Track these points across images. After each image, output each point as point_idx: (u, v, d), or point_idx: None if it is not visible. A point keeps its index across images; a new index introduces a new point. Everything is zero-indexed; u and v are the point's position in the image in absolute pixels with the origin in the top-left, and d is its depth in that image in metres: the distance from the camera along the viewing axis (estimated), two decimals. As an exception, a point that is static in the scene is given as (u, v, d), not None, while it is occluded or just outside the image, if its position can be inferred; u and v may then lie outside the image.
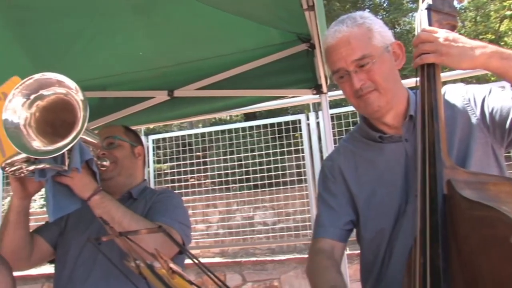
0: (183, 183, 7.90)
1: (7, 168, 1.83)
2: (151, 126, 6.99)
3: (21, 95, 1.76)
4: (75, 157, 1.86)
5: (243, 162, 8.00)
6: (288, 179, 7.56)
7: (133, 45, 3.12)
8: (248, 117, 10.47)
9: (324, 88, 3.19)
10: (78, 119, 1.74)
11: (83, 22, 2.96)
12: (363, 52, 1.68)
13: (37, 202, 9.04)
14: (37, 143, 1.76)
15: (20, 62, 3.18)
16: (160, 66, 3.27)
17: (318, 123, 6.36)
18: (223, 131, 7.82)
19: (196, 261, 1.09)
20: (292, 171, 7.52)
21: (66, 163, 1.85)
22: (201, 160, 8.17)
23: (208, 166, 8.21)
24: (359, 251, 1.94)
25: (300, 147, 7.05)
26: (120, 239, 1.74)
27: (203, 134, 7.87)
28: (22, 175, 1.84)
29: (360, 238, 1.88)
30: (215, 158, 8.10)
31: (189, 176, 8.30)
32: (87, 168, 1.94)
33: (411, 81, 2.01)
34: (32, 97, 1.78)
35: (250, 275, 5.72)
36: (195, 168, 8.07)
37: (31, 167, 1.79)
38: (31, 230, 2.20)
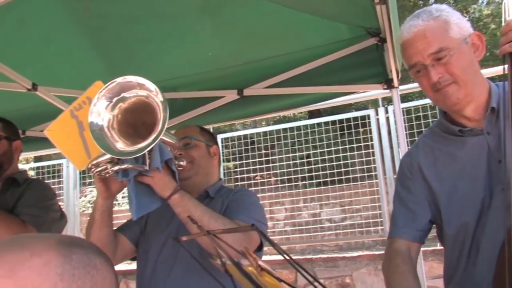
0: (250, 182, 7.96)
1: (93, 169, 1.90)
2: (218, 125, 7.09)
3: (104, 98, 1.83)
4: (156, 157, 1.91)
5: (311, 159, 7.98)
6: (358, 175, 7.49)
7: (202, 46, 3.18)
8: (312, 113, 10.44)
9: (395, 82, 3.14)
10: (158, 120, 1.79)
11: (153, 26, 3.05)
12: (439, 45, 1.66)
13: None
14: (120, 144, 1.83)
15: (96, 67, 3.32)
16: (229, 65, 3.31)
17: (387, 118, 6.27)
18: (290, 129, 7.82)
19: (288, 258, 1.10)
20: (360, 167, 7.44)
21: (147, 163, 1.91)
22: (266, 158, 8.22)
23: (274, 164, 8.25)
24: (433, 248, 1.91)
25: (369, 143, 6.97)
26: (203, 238, 1.78)
27: (271, 132, 7.92)
28: (107, 175, 1.91)
29: (443, 234, 1.85)
30: (283, 156, 8.10)
31: (255, 174, 8.36)
32: (166, 168, 1.99)
33: (498, 69, 1.96)
34: (114, 100, 1.84)
35: (321, 272, 5.71)
36: (260, 166, 8.12)
37: (115, 168, 1.85)
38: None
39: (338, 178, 7.65)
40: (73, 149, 2.00)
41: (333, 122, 7.74)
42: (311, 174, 7.88)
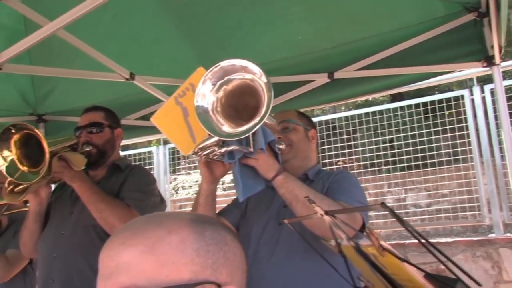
0: (332, 167, 7.91)
1: (199, 153, 1.95)
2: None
3: (209, 82, 1.87)
4: (259, 139, 1.94)
5: (395, 144, 7.83)
6: (444, 159, 7.27)
7: (292, 30, 3.18)
8: (395, 97, 10.21)
9: (497, 59, 2.99)
10: (263, 102, 1.80)
11: (243, 12, 3.08)
12: None
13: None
14: (226, 127, 1.86)
15: (188, 56, 3.40)
16: (320, 49, 3.28)
17: (483, 98, 6.03)
18: (372, 113, 7.69)
19: (423, 240, 1.08)
20: (447, 150, 7.21)
21: (251, 145, 1.93)
22: (348, 143, 8.14)
23: (356, 149, 8.16)
24: None
25: (455, 126, 6.75)
26: (310, 219, 1.79)
27: (352, 117, 7.82)
28: (215, 157, 1.96)
29: None
30: (365, 141, 7.98)
31: (337, 159, 8.30)
32: (269, 150, 2.01)
33: None
34: (218, 83, 1.88)
35: (414, 258, 5.57)
36: (343, 151, 8.06)
37: (223, 149, 1.90)
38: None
39: (423, 162, 7.45)
40: (179, 134, 2.07)
41: (417, 105, 7.53)
42: (395, 158, 7.72)
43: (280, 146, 2.30)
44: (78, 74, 3.19)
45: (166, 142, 8.34)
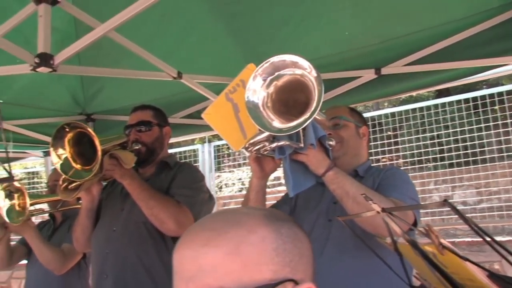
0: (377, 164, 7.82)
1: (250, 148, 1.96)
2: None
3: (260, 78, 1.87)
4: (310, 134, 1.93)
5: (443, 140, 7.67)
6: (495, 155, 7.09)
7: (339, 26, 3.15)
8: (441, 92, 9.98)
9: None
10: (313, 96, 1.80)
11: (289, 8, 3.06)
12: None
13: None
14: (276, 123, 1.86)
15: (234, 54, 3.41)
16: (367, 44, 3.24)
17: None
18: (418, 109, 7.56)
19: (488, 239, 1.04)
20: (498, 147, 7.02)
21: (302, 141, 1.93)
22: (393, 140, 8.03)
23: (401, 146, 8.03)
24: None
25: (508, 121, 6.56)
26: (363, 216, 1.77)
27: (395, 114, 7.71)
28: (265, 153, 1.96)
29: None
30: (412, 137, 7.86)
31: (381, 156, 8.21)
32: (320, 145, 2.00)
33: None
34: (269, 79, 1.88)
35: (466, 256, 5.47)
36: (389, 148, 7.95)
37: (273, 145, 1.90)
38: None
39: (472, 159, 7.27)
40: (229, 130, 2.08)
41: (466, 100, 7.37)
42: (442, 155, 7.58)
43: (330, 143, 2.28)
44: (128, 74, 3.24)
45: (211, 139, 8.42)
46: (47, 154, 5.40)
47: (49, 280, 3.42)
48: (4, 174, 2.85)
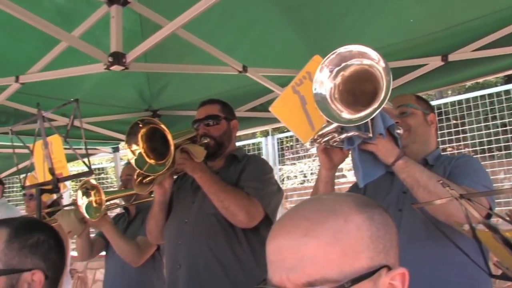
0: (443, 153, 7.60)
1: (318, 140, 1.98)
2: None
3: (326, 69, 1.89)
4: (379, 124, 1.93)
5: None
6: None
7: (403, 14, 3.09)
8: (510, 78, 9.60)
9: None
10: (382, 86, 1.80)
11: (352, -1, 3.05)
12: None
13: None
14: (345, 113, 1.87)
15: (297, 46, 3.42)
16: (432, 31, 3.16)
17: None
18: (485, 96, 7.31)
19: None
20: None
21: (370, 130, 1.93)
22: (458, 129, 7.80)
23: (467, 135, 7.80)
24: None
25: None
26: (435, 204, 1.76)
27: (464, 101, 7.49)
28: (334, 144, 1.97)
29: None
30: (481, 125, 7.59)
31: (448, 146, 8.00)
32: (389, 134, 1.99)
33: None
34: (336, 70, 1.89)
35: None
36: (457, 136, 7.73)
37: (342, 136, 1.91)
38: None
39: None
40: (297, 122, 2.10)
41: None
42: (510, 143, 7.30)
43: (398, 131, 2.27)
44: (195, 69, 3.33)
45: (274, 132, 8.47)
46: (116, 150, 5.61)
47: (126, 271, 3.58)
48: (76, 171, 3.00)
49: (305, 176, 10.32)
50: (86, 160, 2.65)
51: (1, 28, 3.05)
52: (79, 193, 3.34)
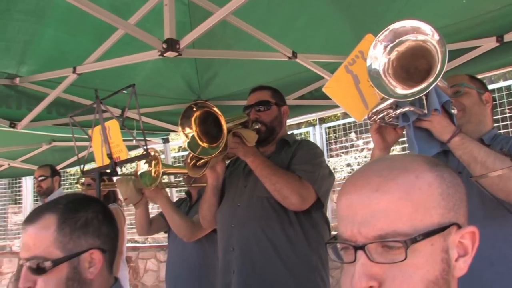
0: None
1: (373, 117, 1.98)
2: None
3: (380, 45, 1.88)
4: (434, 100, 1.91)
5: None
6: None
7: (455, -6, 3.05)
8: None
9: None
10: (436, 60, 1.78)
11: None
12: None
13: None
14: (399, 89, 1.86)
15: (344, 31, 3.42)
16: (486, 11, 3.09)
17: None
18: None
19: None
20: None
21: (425, 107, 1.91)
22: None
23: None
24: None
25: None
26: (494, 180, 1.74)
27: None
28: (389, 120, 1.96)
29: None
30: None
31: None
32: (444, 111, 1.97)
33: None
34: (390, 46, 1.88)
35: None
36: (508, 122, 7.49)
37: (398, 111, 1.90)
38: None
39: None
40: (351, 102, 2.11)
41: None
42: None
43: (452, 111, 2.24)
44: (246, 55, 3.36)
45: (322, 121, 8.45)
46: (166, 141, 5.72)
47: (188, 255, 3.70)
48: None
49: (352, 170, 10.24)
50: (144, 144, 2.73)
51: (58, 23, 3.18)
52: (141, 162, 3.43)
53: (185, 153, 9.95)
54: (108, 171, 2.73)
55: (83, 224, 1.56)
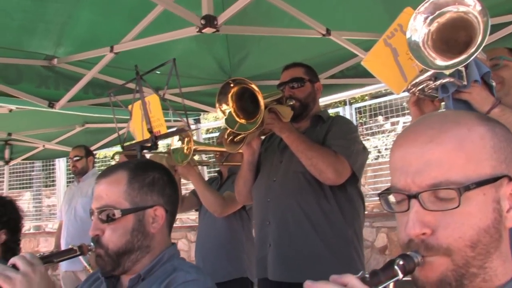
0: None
1: (412, 89, 1.99)
2: None
3: (420, 17, 1.89)
4: (473, 71, 1.92)
5: None
6: None
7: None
8: None
9: None
10: (478, 30, 1.78)
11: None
12: None
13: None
14: (438, 61, 1.87)
15: (376, 9, 3.42)
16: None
17: None
18: None
19: None
20: None
21: (465, 79, 1.92)
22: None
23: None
24: None
25: None
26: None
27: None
28: (429, 91, 1.98)
29: None
30: None
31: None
32: (483, 83, 1.98)
33: None
34: (430, 18, 1.89)
35: None
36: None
37: (438, 82, 1.91)
38: None
39: None
40: (390, 75, 2.12)
41: None
42: None
43: (492, 83, 2.24)
44: (280, 32, 3.40)
45: (351, 102, 8.44)
46: (197, 121, 5.78)
47: (217, 230, 3.77)
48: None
49: (379, 152, 10.19)
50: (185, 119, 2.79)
51: (93, 5, 3.26)
52: (174, 139, 3.50)
53: (214, 135, 10.04)
54: (149, 144, 2.80)
55: (150, 182, 1.68)
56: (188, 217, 9.81)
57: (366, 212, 2.95)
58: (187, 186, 6.98)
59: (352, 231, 2.76)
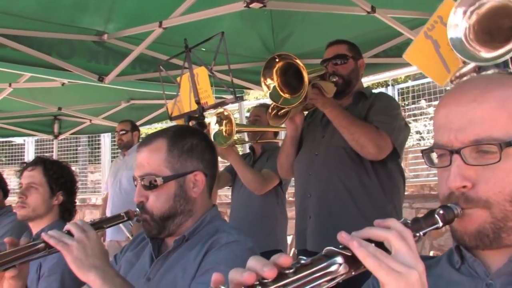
0: None
1: (456, 81, 2.02)
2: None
3: (460, 10, 1.90)
4: None
5: None
6: None
7: None
8: None
9: None
10: None
11: None
12: None
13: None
14: (483, 53, 1.88)
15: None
16: None
17: None
18: None
19: None
20: None
21: (510, 66, 1.93)
22: None
23: None
24: None
25: None
26: None
27: None
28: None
29: None
30: None
31: None
32: None
33: None
34: (470, 10, 1.90)
35: None
36: None
37: (482, 74, 1.93)
38: None
39: None
40: (432, 67, 2.16)
41: None
42: None
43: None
44: (325, 9, 3.45)
45: (394, 83, 8.34)
46: (240, 99, 5.85)
47: (251, 204, 3.87)
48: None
49: (421, 137, 10.04)
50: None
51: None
52: (213, 119, 3.55)
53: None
54: (196, 115, 2.89)
55: (189, 148, 1.74)
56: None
57: (406, 193, 2.97)
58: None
59: (392, 206, 2.81)
